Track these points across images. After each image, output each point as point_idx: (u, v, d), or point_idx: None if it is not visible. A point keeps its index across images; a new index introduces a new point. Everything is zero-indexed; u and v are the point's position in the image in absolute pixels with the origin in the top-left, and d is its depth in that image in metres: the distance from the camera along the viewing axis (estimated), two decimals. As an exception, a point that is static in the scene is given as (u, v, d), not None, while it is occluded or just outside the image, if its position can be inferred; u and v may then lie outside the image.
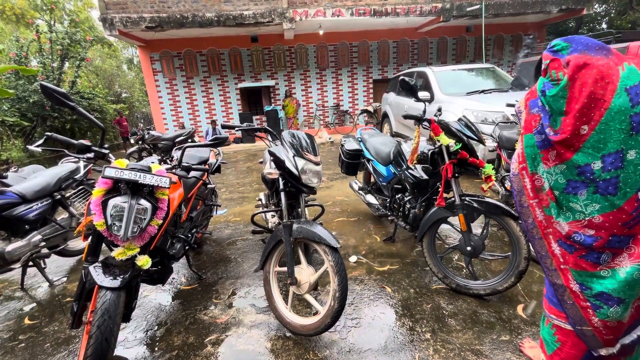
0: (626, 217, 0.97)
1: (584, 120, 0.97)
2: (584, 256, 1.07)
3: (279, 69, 10.06)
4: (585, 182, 1.02)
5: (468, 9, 8.49)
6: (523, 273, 1.83)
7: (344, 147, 3.09)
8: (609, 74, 0.94)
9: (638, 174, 0.95)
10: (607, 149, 0.96)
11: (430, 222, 2.09)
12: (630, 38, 5.78)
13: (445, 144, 1.96)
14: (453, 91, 5.20)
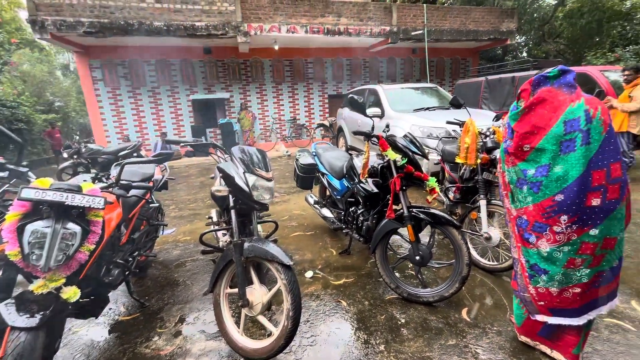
0: (543, 210, 1.36)
1: (526, 142, 1.37)
2: (523, 235, 1.46)
3: (233, 82, 9.90)
4: (525, 181, 1.41)
5: (412, 33, 9.23)
6: (466, 278, 1.96)
7: (299, 162, 3.10)
8: (559, 108, 1.29)
9: (557, 183, 1.31)
10: (541, 162, 1.35)
11: (382, 234, 2.16)
12: (543, 66, 6.74)
13: (393, 158, 2.06)
14: (401, 108, 5.54)
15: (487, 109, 7.42)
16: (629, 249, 2.67)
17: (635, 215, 3.38)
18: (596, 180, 1.26)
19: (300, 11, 8.39)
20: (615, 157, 1.27)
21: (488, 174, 2.52)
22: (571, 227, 1.31)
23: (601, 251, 1.33)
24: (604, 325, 1.82)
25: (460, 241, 1.96)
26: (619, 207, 1.29)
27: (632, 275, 2.30)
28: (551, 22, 12.88)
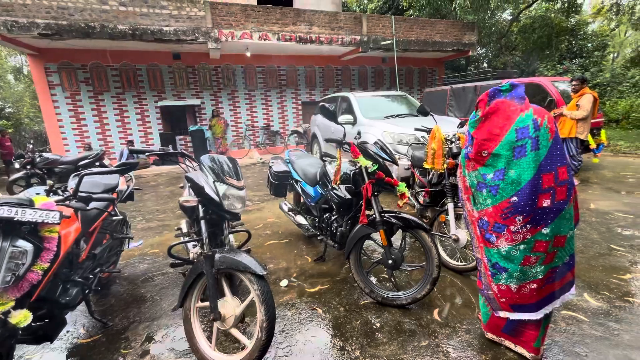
0: (501, 212, 1.46)
1: (484, 148, 1.47)
2: (484, 235, 1.54)
3: (204, 88, 9.68)
4: (484, 185, 1.50)
5: (382, 42, 9.56)
6: (436, 280, 2.02)
7: (272, 169, 3.07)
8: (511, 117, 1.41)
9: (512, 186, 1.41)
10: (497, 166, 1.45)
11: (356, 239, 2.19)
12: (502, 76, 7.24)
13: (364, 165, 2.11)
14: (373, 115, 5.69)
15: (453, 116, 7.80)
16: (580, 245, 2.90)
17: (585, 214, 3.68)
18: (546, 183, 1.37)
19: (272, 19, 8.41)
20: (562, 161, 1.39)
21: (454, 178, 2.64)
22: (526, 226, 1.41)
23: (553, 249, 1.44)
24: (561, 317, 1.95)
25: (430, 244, 2.02)
26: (566, 207, 1.41)
27: (584, 270, 2.49)
28: (507, 36, 13.88)
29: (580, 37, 13.61)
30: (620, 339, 1.74)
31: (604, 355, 1.64)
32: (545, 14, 12.82)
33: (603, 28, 15.58)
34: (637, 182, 4.99)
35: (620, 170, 5.82)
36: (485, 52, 15.87)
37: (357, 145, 2.17)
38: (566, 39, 13.32)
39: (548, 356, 1.66)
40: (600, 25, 16.13)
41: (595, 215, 3.62)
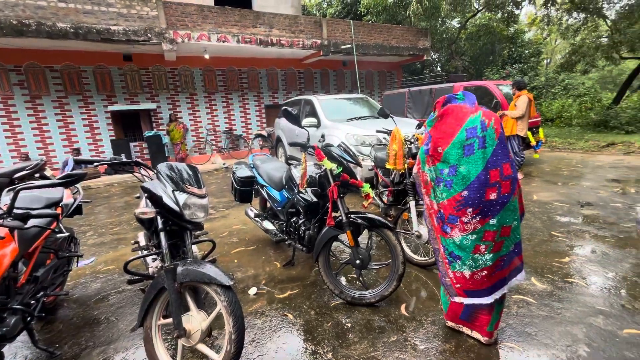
0: (454, 204, 1.58)
1: (439, 145, 1.60)
2: (442, 227, 1.66)
3: (160, 91, 9.18)
4: (441, 179, 1.61)
5: (342, 46, 9.77)
6: (402, 276, 2.10)
7: (236, 175, 2.99)
8: (462, 118, 1.55)
9: (463, 181, 1.55)
10: (450, 163, 1.57)
11: (324, 242, 2.20)
12: (454, 79, 7.74)
13: (329, 168, 2.13)
14: (336, 117, 5.78)
15: (411, 117, 8.18)
16: (526, 234, 3.18)
17: (529, 205, 4.05)
18: (492, 178, 1.52)
19: (231, 21, 8.23)
20: (506, 159, 1.54)
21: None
22: (475, 217, 1.55)
23: (500, 238, 1.58)
24: (513, 301, 2.13)
25: (395, 241, 2.10)
26: (511, 199, 1.56)
27: (531, 256, 2.74)
28: (457, 42, 14.89)
29: (519, 45, 15.01)
30: (562, 317, 1.93)
31: (550, 333, 1.81)
32: (488, 23, 13.97)
33: (537, 37, 17.33)
34: (570, 174, 5.61)
35: (556, 164, 6.49)
36: (438, 56, 16.87)
37: (322, 149, 2.19)
38: (507, 46, 14.61)
39: (503, 338, 1.79)
40: (535, 34, 17.93)
41: (538, 206, 4.00)
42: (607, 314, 1.94)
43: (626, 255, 2.65)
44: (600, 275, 2.38)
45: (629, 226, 3.23)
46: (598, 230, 3.19)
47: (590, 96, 12.25)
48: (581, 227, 3.30)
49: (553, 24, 12.50)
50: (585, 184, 4.85)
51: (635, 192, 4.34)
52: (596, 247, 2.84)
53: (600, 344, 1.70)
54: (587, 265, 2.54)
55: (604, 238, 3.00)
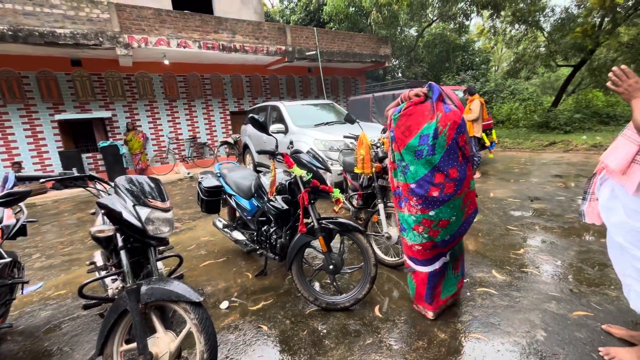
0: (406, 189, 1.85)
1: (398, 143, 1.82)
2: (398, 201, 1.97)
3: (115, 99, 8.63)
4: (399, 166, 1.88)
5: (307, 53, 9.87)
6: (374, 278, 2.14)
7: (202, 185, 2.88)
8: (420, 123, 1.73)
9: (412, 176, 1.81)
10: (405, 160, 1.82)
11: (296, 249, 2.19)
12: (414, 85, 8.14)
13: (299, 174, 2.13)
14: (303, 123, 5.80)
15: (376, 122, 8.45)
16: (486, 229, 3.40)
17: (487, 201, 4.34)
18: (437, 179, 1.74)
19: (191, 26, 7.98)
20: (454, 164, 1.73)
21: (382, 180, 2.85)
22: (418, 206, 1.82)
23: (437, 227, 1.83)
24: (477, 294, 2.25)
25: (366, 244, 2.14)
26: (452, 199, 1.76)
27: (491, 250, 2.92)
28: (415, 50, 15.69)
29: (470, 53, 16.16)
30: (521, 305, 2.09)
31: (512, 321, 1.94)
32: (443, 32, 14.90)
33: (486, 46, 18.77)
34: (521, 171, 6.10)
35: (508, 163, 7.03)
36: (399, 63, 17.63)
37: (291, 156, 2.18)
38: (460, 53, 15.67)
39: (471, 330, 1.89)
40: (484, 43, 19.40)
41: (495, 202, 4.30)
42: (558, 299, 2.12)
43: (571, 244, 2.93)
44: (551, 264, 2.60)
45: (571, 217, 3.58)
46: (546, 222, 3.49)
47: (533, 100, 13.47)
48: (532, 220, 3.59)
49: (498, 35, 13.63)
50: (534, 180, 5.30)
51: (575, 186, 4.82)
52: (546, 237, 3.11)
53: (554, 327, 1.86)
54: (539, 255, 2.77)
55: (551, 229, 3.29)
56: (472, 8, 12.38)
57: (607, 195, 1.50)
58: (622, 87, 1.37)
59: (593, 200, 1.63)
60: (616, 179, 1.42)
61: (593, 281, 2.31)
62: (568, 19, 11.54)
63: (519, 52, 13.49)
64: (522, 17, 11.56)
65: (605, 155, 1.47)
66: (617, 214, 1.45)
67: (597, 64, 13.04)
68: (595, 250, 2.76)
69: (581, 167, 6.01)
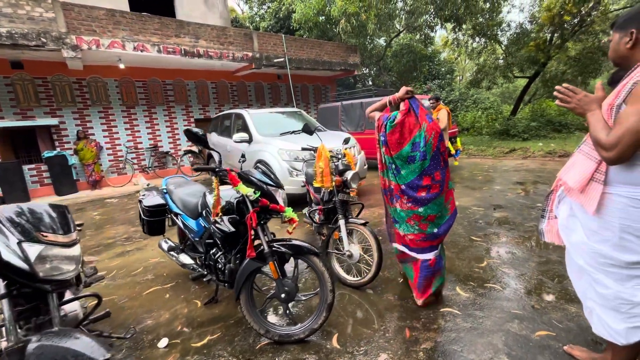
0: (398, 189, 2.11)
1: (392, 148, 2.07)
2: (390, 198, 2.22)
3: (64, 105, 7.91)
4: (391, 168, 2.13)
5: (275, 60, 9.69)
6: (332, 305, 1.95)
7: (143, 203, 2.57)
8: (412, 131, 2.00)
9: (403, 178, 2.07)
10: (397, 164, 2.08)
11: (244, 277, 1.95)
12: (382, 94, 8.19)
13: (245, 193, 1.91)
14: (268, 132, 5.57)
15: (345, 130, 8.40)
16: (450, 241, 3.34)
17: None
18: (425, 182, 2.03)
19: (150, 29, 7.53)
20: (437, 168, 2.02)
21: (343, 195, 2.69)
22: (408, 204, 2.09)
23: (425, 221, 2.09)
24: (441, 315, 2.13)
25: (322, 268, 1.95)
26: (437, 197, 2.05)
27: (455, 264, 2.85)
28: (384, 59, 16.04)
29: (436, 63, 16.79)
30: (484, 327, 1.98)
31: (474, 346, 1.82)
32: (410, 42, 15.36)
33: (450, 57, 19.63)
34: (484, 179, 6.25)
35: (472, 170, 7.21)
36: (368, 72, 17.93)
37: (237, 172, 1.96)
38: (427, 63, 16.22)
39: (434, 358, 1.75)
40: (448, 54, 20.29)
41: (460, 211, 4.29)
42: (521, 317, 2.05)
43: (531, 255, 2.92)
44: (513, 277, 2.56)
45: (531, 225, 3.62)
46: (508, 231, 3.50)
47: (494, 109, 14.17)
48: (495, 229, 3.60)
49: (461, 47, 14.26)
50: (496, 188, 5.42)
51: (533, 192, 4.97)
52: (507, 248, 3.09)
53: (517, 351, 1.76)
54: (501, 268, 2.72)
55: (513, 239, 3.29)
56: (436, 20, 12.87)
57: (566, 214, 1.42)
58: (572, 103, 1.31)
59: (551, 218, 1.56)
60: (574, 198, 1.34)
61: (553, 295, 2.27)
62: (522, 33, 12.31)
63: (480, 63, 14.18)
64: (481, 30, 12.16)
65: (563, 172, 1.39)
66: (577, 234, 1.37)
67: (549, 76, 13.99)
68: (554, 261, 2.76)
69: (538, 174, 6.26)
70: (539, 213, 3.92)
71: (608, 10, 10.78)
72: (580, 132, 11.23)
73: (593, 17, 10.29)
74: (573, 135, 10.98)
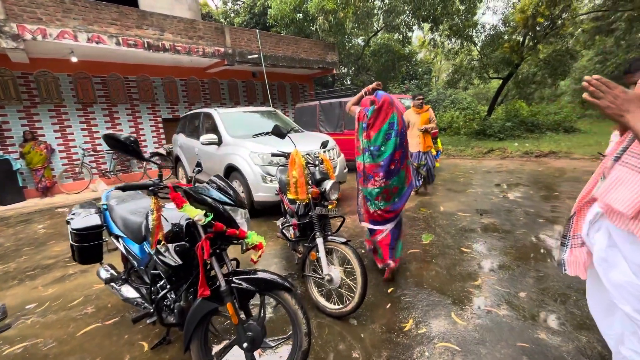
0: (374, 167, 2.44)
1: (372, 129, 2.42)
2: (363, 179, 2.53)
3: (6, 103, 7.00)
4: (368, 150, 2.45)
5: (249, 56, 9.15)
6: (307, 352, 1.57)
7: (71, 225, 2.06)
8: (388, 114, 2.38)
9: (381, 155, 2.40)
10: (377, 143, 2.41)
11: (195, 321, 1.53)
12: (361, 93, 7.90)
13: (192, 216, 1.47)
14: (240, 133, 5.10)
15: (324, 130, 8.03)
16: (439, 253, 3.05)
17: (438, 217, 4.07)
18: (396, 156, 2.43)
19: (106, 18, 6.80)
20: (402, 145, 2.46)
21: (321, 209, 2.31)
22: (382, 179, 2.43)
23: (392, 194, 2.49)
24: (438, 352, 1.81)
25: (295, 307, 1.56)
26: (401, 170, 2.49)
27: (447, 283, 2.54)
28: (362, 58, 15.85)
29: (414, 63, 16.82)
30: (489, 367, 1.67)
31: (482, 397, 1.50)
32: (388, 42, 15.26)
33: (427, 57, 19.81)
34: (466, 181, 6.10)
35: (453, 171, 7.07)
36: (347, 71, 17.70)
37: (183, 190, 1.52)
38: (404, 63, 16.20)
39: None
40: (425, 55, 20.48)
41: (446, 218, 4.04)
42: (529, 352, 1.75)
43: (527, 269, 2.68)
44: (512, 298, 2.28)
45: (520, 233, 3.41)
46: (499, 241, 3.27)
47: (471, 109, 14.34)
48: (484, 238, 3.35)
49: (438, 47, 14.32)
50: (479, 191, 5.25)
51: (517, 195, 4.83)
52: (501, 261, 2.84)
53: (533, 403, 1.45)
54: (497, 286, 2.45)
55: (505, 250, 3.05)
56: (414, 20, 12.80)
57: (604, 244, 1.11)
58: (606, 100, 0.98)
59: (576, 246, 1.25)
60: (621, 225, 1.03)
61: (559, 320, 2.01)
62: (496, 35, 12.49)
63: (457, 64, 14.30)
64: (457, 31, 12.22)
65: (604, 193, 1.08)
66: (619, 271, 1.07)
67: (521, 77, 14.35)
68: (552, 277, 2.53)
69: (518, 175, 6.19)
70: (527, 218, 3.77)
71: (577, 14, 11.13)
72: (551, 133, 11.54)
73: (563, 20, 10.56)
74: (545, 135, 11.25)
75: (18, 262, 3.64)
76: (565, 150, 7.94)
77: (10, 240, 4.43)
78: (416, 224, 3.93)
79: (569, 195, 4.61)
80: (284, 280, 1.60)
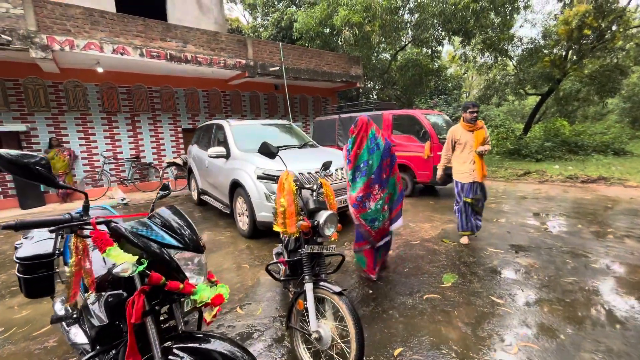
0: (368, 183, 2.68)
1: (358, 148, 2.70)
2: (361, 205, 2.69)
3: (36, 110, 7.29)
4: (358, 171, 2.71)
5: (270, 69, 9.07)
6: None
7: (16, 254, 1.78)
8: (366, 131, 2.71)
9: (371, 169, 2.67)
10: (364, 159, 2.68)
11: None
12: (383, 107, 7.48)
13: (119, 264, 1.10)
14: (249, 147, 4.80)
15: (342, 144, 7.65)
16: (464, 302, 2.49)
17: (463, 252, 3.48)
18: (384, 165, 2.74)
19: (132, 30, 6.95)
20: (388, 154, 2.77)
21: (313, 246, 1.88)
22: (379, 190, 2.70)
23: (388, 203, 2.81)
24: None
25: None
26: (392, 177, 2.84)
27: (472, 347, 1.99)
28: (388, 72, 15.46)
29: (443, 78, 16.16)
30: None
31: None
32: (416, 57, 14.79)
33: (457, 72, 19.04)
34: (498, 207, 5.38)
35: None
36: (373, 85, 17.36)
37: (112, 228, 1.16)
38: (433, 78, 15.60)
39: None
40: (455, 70, 19.73)
41: (472, 254, 3.45)
42: None
43: (582, 336, 2.06)
44: (562, 382, 1.70)
45: (570, 281, 2.76)
46: (540, 289, 2.64)
47: (505, 127, 13.39)
48: (521, 285, 2.74)
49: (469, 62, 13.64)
50: (514, 221, 4.56)
51: (561, 230, 4.11)
52: (545, 321, 2.24)
53: None
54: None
55: (550, 304, 2.43)
56: (444, 34, 12.29)
57: None
58: None
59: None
60: None
61: None
62: (535, 49, 11.65)
63: (490, 79, 13.51)
64: (491, 45, 11.53)
65: None
66: None
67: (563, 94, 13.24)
68: (619, 353, 1.90)
69: (561, 203, 5.40)
70: (577, 261, 3.09)
71: (629, 26, 10.10)
72: (598, 155, 10.38)
73: (613, 33, 9.60)
74: (591, 157, 10.12)
75: (9, 274, 3.49)
76: (618, 176, 6.95)
77: (8, 247, 4.36)
78: (437, 258, 3.37)
79: (628, 233, 3.84)
80: (246, 353, 1.18)
